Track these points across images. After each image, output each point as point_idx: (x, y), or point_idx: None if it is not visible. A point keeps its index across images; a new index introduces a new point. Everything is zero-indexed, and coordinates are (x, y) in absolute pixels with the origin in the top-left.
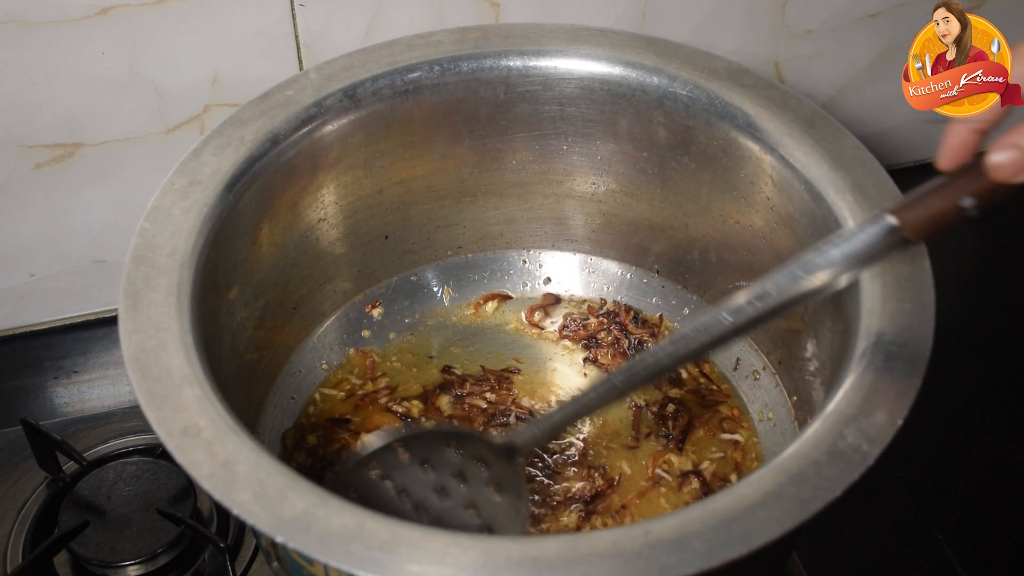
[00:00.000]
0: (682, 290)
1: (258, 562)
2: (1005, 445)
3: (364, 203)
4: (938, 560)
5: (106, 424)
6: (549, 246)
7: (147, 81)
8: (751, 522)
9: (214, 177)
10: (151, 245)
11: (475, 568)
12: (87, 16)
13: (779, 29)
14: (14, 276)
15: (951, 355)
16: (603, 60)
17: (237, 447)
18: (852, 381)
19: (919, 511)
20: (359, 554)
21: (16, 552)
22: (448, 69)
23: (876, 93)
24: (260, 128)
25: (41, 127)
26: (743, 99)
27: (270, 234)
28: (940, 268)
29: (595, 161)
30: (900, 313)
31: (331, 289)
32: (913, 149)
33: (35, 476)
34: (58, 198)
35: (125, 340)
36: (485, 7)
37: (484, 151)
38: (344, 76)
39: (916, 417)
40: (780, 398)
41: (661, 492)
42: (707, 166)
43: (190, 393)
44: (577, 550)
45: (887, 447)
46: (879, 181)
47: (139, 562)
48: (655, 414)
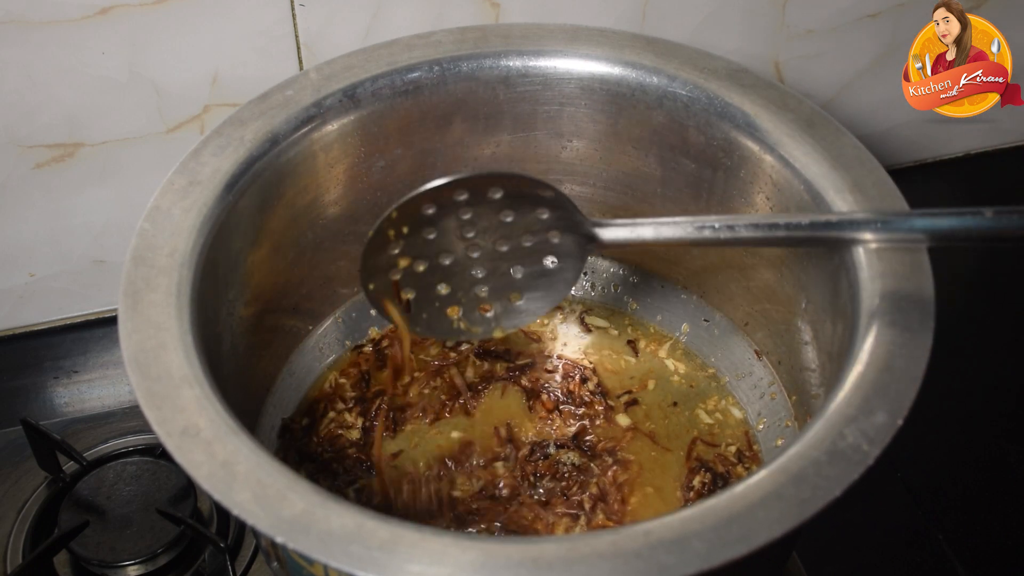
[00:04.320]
0: (682, 290)
1: (258, 562)
2: (1005, 445)
3: (364, 203)
4: (938, 560)
5: (106, 424)
6: None
7: (147, 81)
8: (751, 522)
9: (214, 177)
10: (151, 245)
11: (475, 568)
12: (87, 16)
13: (779, 29)
14: (14, 276)
15: (951, 355)
16: (603, 60)
17: (237, 447)
18: (852, 381)
19: (919, 511)
20: (359, 554)
21: (16, 552)
22: (448, 69)
23: (876, 93)
24: (260, 128)
25: (41, 127)
26: (743, 99)
27: (270, 234)
28: (940, 268)
29: (594, 161)
30: (900, 313)
31: (331, 289)
32: (913, 149)
33: (35, 476)
34: (58, 198)
35: (125, 340)
36: (485, 7)
37: (484, 151)
38: (344, 76)
39: (916, 417)
40: (780, 398)
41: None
42: (707, 166)
43: (190, 393)
44: (577, 550)
45: (887, 447)
46: (879, 181)
47: (139, 562)
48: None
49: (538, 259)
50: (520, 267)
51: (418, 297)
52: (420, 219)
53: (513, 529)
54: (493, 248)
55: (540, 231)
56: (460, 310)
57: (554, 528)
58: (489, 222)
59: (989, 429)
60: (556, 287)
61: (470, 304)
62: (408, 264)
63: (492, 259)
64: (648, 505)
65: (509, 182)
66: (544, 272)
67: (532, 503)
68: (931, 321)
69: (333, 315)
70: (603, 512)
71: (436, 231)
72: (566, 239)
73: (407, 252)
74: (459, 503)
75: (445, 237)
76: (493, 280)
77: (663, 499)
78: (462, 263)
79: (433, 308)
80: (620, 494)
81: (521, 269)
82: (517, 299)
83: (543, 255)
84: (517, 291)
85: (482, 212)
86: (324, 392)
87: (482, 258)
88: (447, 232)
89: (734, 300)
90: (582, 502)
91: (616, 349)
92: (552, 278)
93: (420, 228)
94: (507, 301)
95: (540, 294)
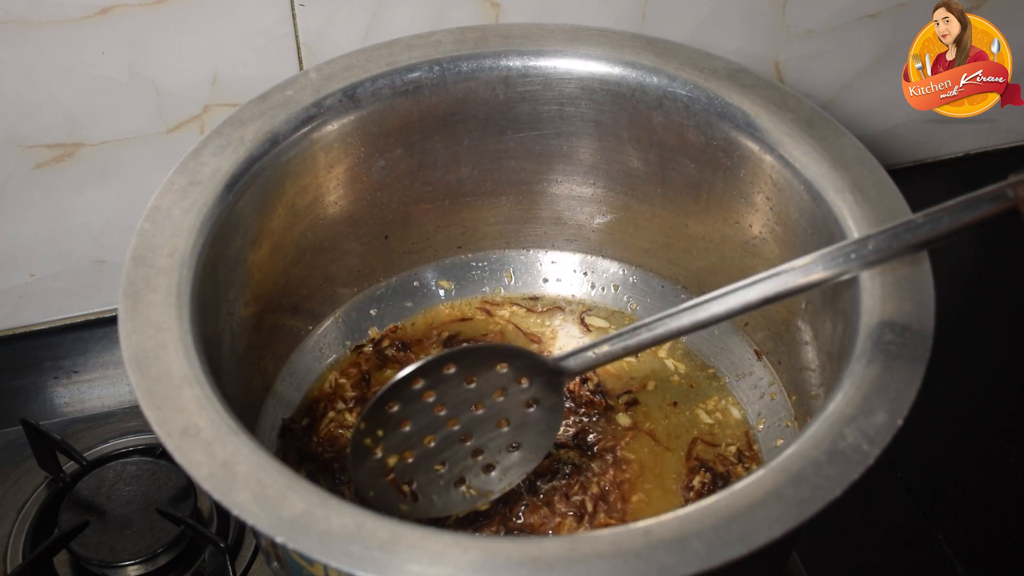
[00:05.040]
0: (682, 290)
1: (258, 562)
2: (1005, 445)
3: (364, 203)
4: (938, 560)
5: (106, 424)
6: (549, 246)
7: (147, 81)
8: (751, 522)
9: (214, 177)
10: (151, 245)
11: (475, 568)
12: (87, 16)
13: (779, 29)
14: (14, 276)
15: (951, 355)
16: (603, 60)
17: (237, 447)
18: (852, 381)
19: (919, 511)
20: (359, 554)
21: (16, 552)
22: (448, 69)
23: (876, 93)
24: (260, 128)
25: (41, 127)
26: (743, 99)
27: (270, 234)
28: (940, 268)
29: (595, 161)
30: (900, 313)
31: (331, 289)
32: (913, 149)
33: (35, 476)
34: (58, 198)
35: (125, 340)
36: (485, 7)
37: (484, 151)
38: (344, 76)
39: (916, 417)
40: (780, 398)
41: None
42: (707, 166)
43: (190, 393)
44: (577, 550)
45: (887, 447)
46: (879, 181)
47: (139, 562)
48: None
49: (517, 409)
50: (504, 421)
51: (421, 484)
52: (389, 419)
53: (515, 529)
54: (471, 415)
55: (507, 384)
56: (466, 480)
57: (555, 528)
58: (456, 395)
59: (989, 429)
60: (548, 423)
61: (472, 472)
62: (397, 460)
63: (474, 425)
64: (648, 505)
65: (457, 357)
66: (529, 417)
67: (534, 503)
68: (931, 321)
69: (333, 315)
70: (604, 512)
71: (410, 422)
72: (536, 381)
73: (391, 450)
74: None
75: (420, 423)
76: (484, 443)
77: (663, 499)
78: (448, 439)
79: (439, 488)
80: (620, 494)
81: (506, 423)
82: (515, 450)
83: (520, 404)
84: (512, 443)
85: (444, 389)
86: (324, 392)
87: (465, 427)
88: (420, 418)
89: None
90: (583, 502)
91: None
92: (539, 417)
93: (393, 427)
94: (506, 455)
95: (535, 436)
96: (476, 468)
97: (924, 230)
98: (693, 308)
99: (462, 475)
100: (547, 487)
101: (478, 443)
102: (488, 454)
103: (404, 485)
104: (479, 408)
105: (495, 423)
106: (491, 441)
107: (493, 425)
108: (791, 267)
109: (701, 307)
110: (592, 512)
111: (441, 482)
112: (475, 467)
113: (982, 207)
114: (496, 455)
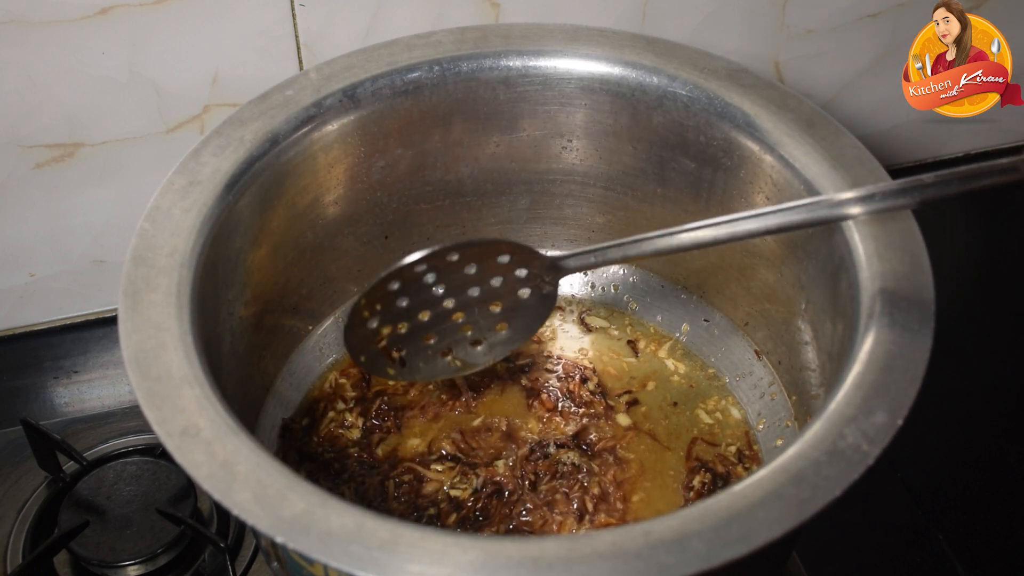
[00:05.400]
0: (682, 290)
1: (258, 562)
2: (1005, 445)
3: (364, 203)
4: (938, 560)
5: (106, 424)
6: (549, 246)
7: (147, 81)
8: (751, 522)
9: (214, 177)
10: (151, 245)
11: (475, 568)
12: (87, 16)
13: (779, 29)
14: (14, 276)
15: (951, 355)
16: (603, 60)
17: (237, 447)
18: (852, 381)
19: (919, 511)
20: (359, 554)
21: (16, 552)
22: (448, 69)
23: (876, 93)
24: (260, 128)
25: (41, 127)
26: (743, 99)
27: (270, 234)
28: (940, 268)
29: (595, 161)
30: (900, 313)
31: (331, 289)
32: (913, 149)
33: (35, 476)
34: (58, 198)
35: (125, 340)
36: (485, 7)
37: (484, 151)
38: (344, 76)
39: (916, 417)
40: (780, 398)
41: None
42: (707, 166)
43: (190, 393)
44: (577, 550)
45: (887, 447)
46: (879, 181)
47: (139, 562)
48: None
49: (512, 292)
50: (497, 302)
51: (409, 352)
52: (388, 295)
53: (515, 529)
54: (466, 295)
55: (505, 271)
56: (452, 352)
57: (555, 528)
58: (455, 277)
59: (989, 429)
60: (538, 309)
61: (460, 345)
62: (390, 331)
63: (468, 304)
64: (648, 505)
65: (462, 247)
66: (521, 302)
67: (534, 503)
68: (931, 321)
69: (333, 315)
70: (604, 512)
71: (407, 299)
72: (533, 271)
73: (386, 321)
74: (460, 503)
75: (417, 299)
76: (475, 320)
77: (663, 499)
78: (441, 315)
79: (426, 356)
80: (620, 494)
81: (499, 304)
82: (503, 329)
83: (515, 288)
84: (501, 322)
85: (445, 272)
86: (324, 392)
87: (458, 306)
88: (418, 295)
89: (734, 300)
90: (584, 502)
91: (616, 349)
92: (531, 303)
93: (391, 302)
94: (494, 333)
95: (524, 319)
96: (464, 342)
97: (931, 190)
98: (696, 229)
99: (450, 347)
100: (547, 487)
101: (469, 319)
102: (477, 330)
103: (394, 351)
104: (475, 290)
105: (489, 304)
106: (482, 319)
107: (486, 306)
108: (795, 204)
109: (702, 229)
110: (592, 512)
111: (429, 351)
112: (463, 341)
113: (991, 176)
114: (485, 332)
